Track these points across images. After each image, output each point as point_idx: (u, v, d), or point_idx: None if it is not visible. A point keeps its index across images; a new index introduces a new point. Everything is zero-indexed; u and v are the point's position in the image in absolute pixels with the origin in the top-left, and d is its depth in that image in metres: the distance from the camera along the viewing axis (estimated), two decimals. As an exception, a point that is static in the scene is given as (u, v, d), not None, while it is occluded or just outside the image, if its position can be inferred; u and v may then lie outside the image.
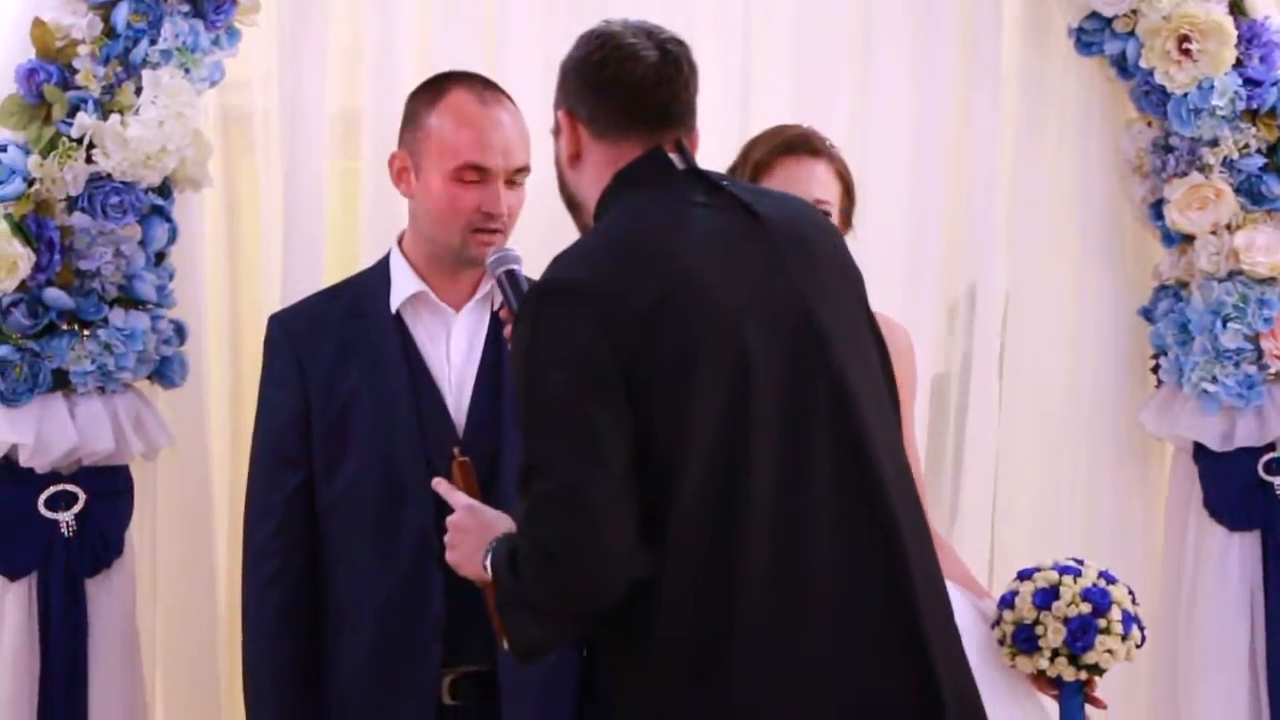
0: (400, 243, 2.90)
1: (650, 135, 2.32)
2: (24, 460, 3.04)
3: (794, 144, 2.98)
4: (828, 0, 3.51)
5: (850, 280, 2.37)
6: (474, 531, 2.34)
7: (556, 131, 2.39)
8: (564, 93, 2.37)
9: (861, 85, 3.53)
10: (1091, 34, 3.36)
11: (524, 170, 2.83)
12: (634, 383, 2.15)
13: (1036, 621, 2.88)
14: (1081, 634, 2.85)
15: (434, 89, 2.87)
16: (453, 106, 2.82)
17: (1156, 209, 3.32)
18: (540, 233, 3.18)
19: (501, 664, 2.73)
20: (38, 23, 3.03)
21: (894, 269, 3.44)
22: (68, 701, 3.06)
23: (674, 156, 2.33)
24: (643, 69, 2.30)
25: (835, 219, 2.98)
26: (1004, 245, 3.51)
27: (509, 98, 2.85)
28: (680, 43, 2.35)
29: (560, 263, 2.27)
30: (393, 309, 2.85)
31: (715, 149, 3.12)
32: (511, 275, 2.54)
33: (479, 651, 2.75)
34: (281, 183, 3.35)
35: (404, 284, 2.86)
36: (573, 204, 2.40)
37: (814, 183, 2.95)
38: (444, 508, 2.62)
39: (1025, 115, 3.51)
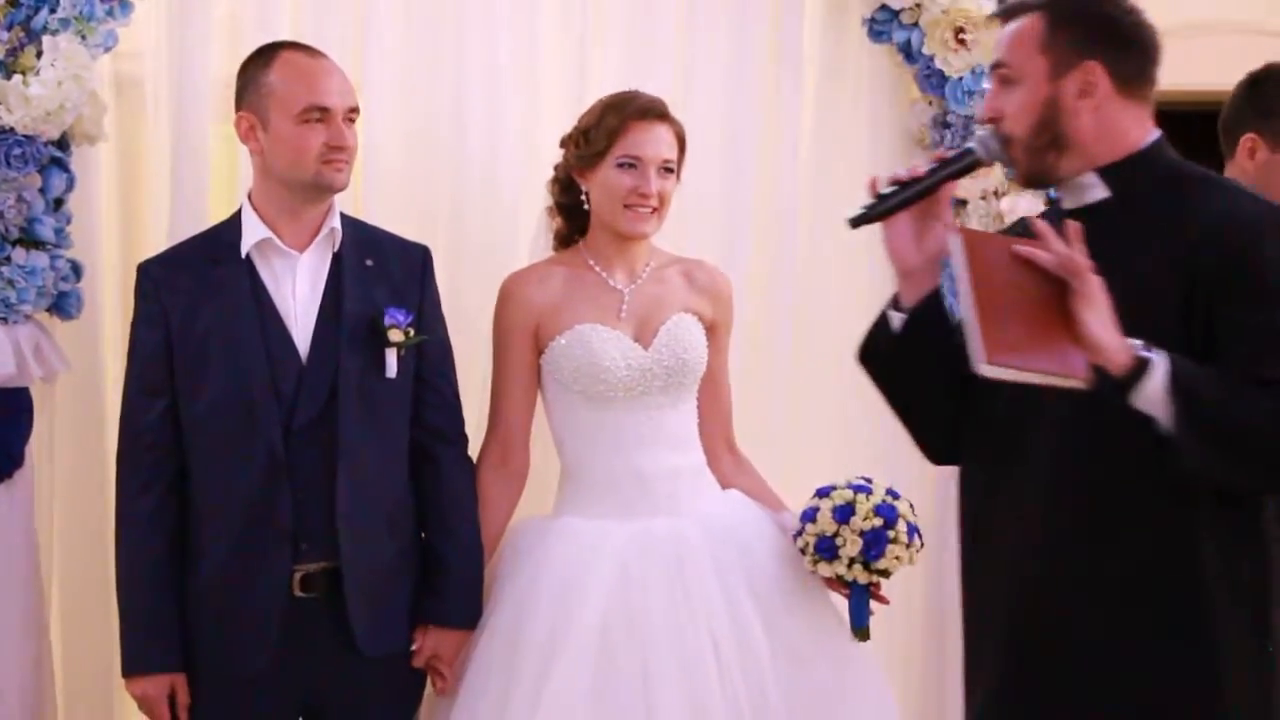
0: (250, 197, 3.04)
1: (1149, 100, 2.37)
2: (-67, 382, 3.14)
3: (646, 110, 3.17)
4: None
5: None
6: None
7: (1055, 69, 2.33)
8: (1086, 38, 2.33)
9: (683, 64, 3.65)
10: (882, 24, 3.54)
11: (356, 110, 3.02)
12: None
13: (836, 534, 3.07)
14: (875, 544, 3.06)
15: (265, 54, 3.02)
16: (287, 63, 2.98)
17: (935, 177, 3.55)
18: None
19: (345, 562, 2.96)
20: (-53, -7, 3.13)
21: (710, 225, 3.59)
22: (-27, 592, 3.14)
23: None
24: (1157, 35, 2.36)
25: (676, 175, 3.18)
26: (806, 207, 3.65)
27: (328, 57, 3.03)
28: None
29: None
30: (243, 254, 3.01)
31: (550, 121, 3.42)
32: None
33: (325, 550, 2.96)
34: (169, 141, 3.47)
35: (253, 232, 3.00)
36: (1057, 141, 2.36)
37: (662, 144, 3.16)
38: (291, 428, 2.87)
39: (824, 94, 3.67)
